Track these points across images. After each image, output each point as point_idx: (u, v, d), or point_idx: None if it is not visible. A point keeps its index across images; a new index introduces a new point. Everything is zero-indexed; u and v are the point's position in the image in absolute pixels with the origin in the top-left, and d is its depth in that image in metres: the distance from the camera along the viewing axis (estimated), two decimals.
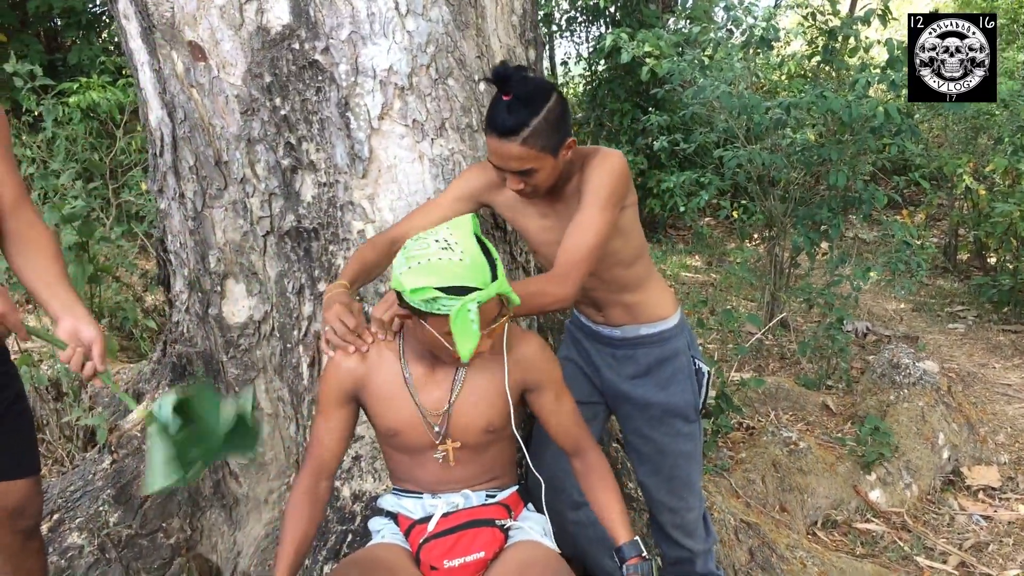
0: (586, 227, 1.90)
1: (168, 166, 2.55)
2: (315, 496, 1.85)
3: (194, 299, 2.65)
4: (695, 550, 2.35)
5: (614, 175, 1.93)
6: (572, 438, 1.94)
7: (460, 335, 1.60)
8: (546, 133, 1.85)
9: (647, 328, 2.18)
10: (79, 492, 2.83)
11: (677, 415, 2.21)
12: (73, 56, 8.23)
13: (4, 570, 2.13)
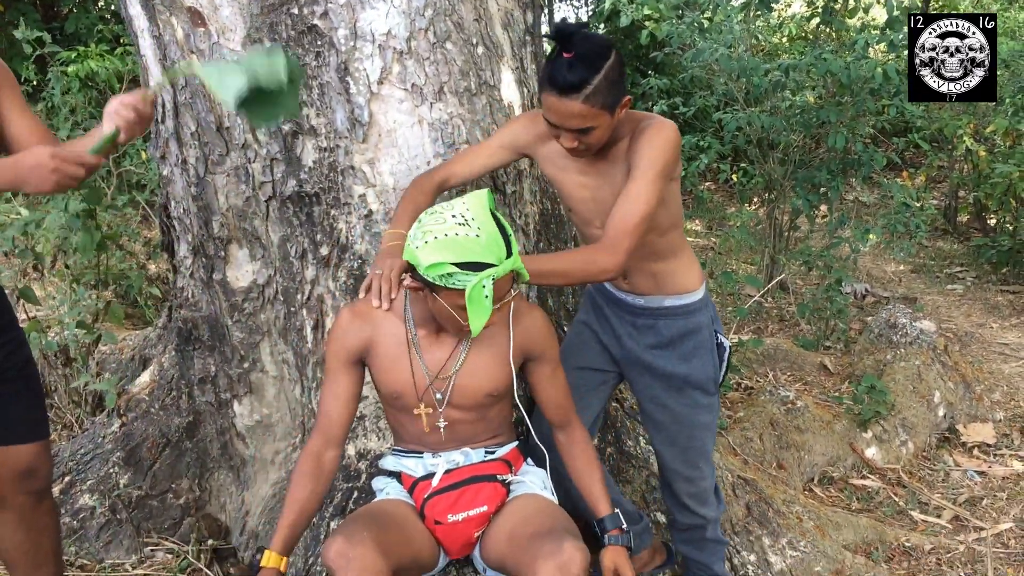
0: (637, 198, 1.90)
1: (170, 132, 2.57)
2: (321, 464, 1.88)
3: (198, 264, 2.69)
4: (708, 517, 2.39)
5: (668, 147, 1.92)
6: (561, 411, 2.01)
7: (474, 310, 1.64)
8: (606, 91, 1.83)
9: (671, 300, 2.18)
10: (89, 455, 2.89)
11: (697, 387, 2.23)
12: (70, 25, 8.19)
13: (18, 529, 2.19)
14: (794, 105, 5.27)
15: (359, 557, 1.62)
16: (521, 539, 1.77)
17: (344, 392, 1.91)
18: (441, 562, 1.98)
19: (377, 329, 1.89)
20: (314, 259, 2.47)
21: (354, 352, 1.88)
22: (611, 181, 2.02)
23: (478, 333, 1.69)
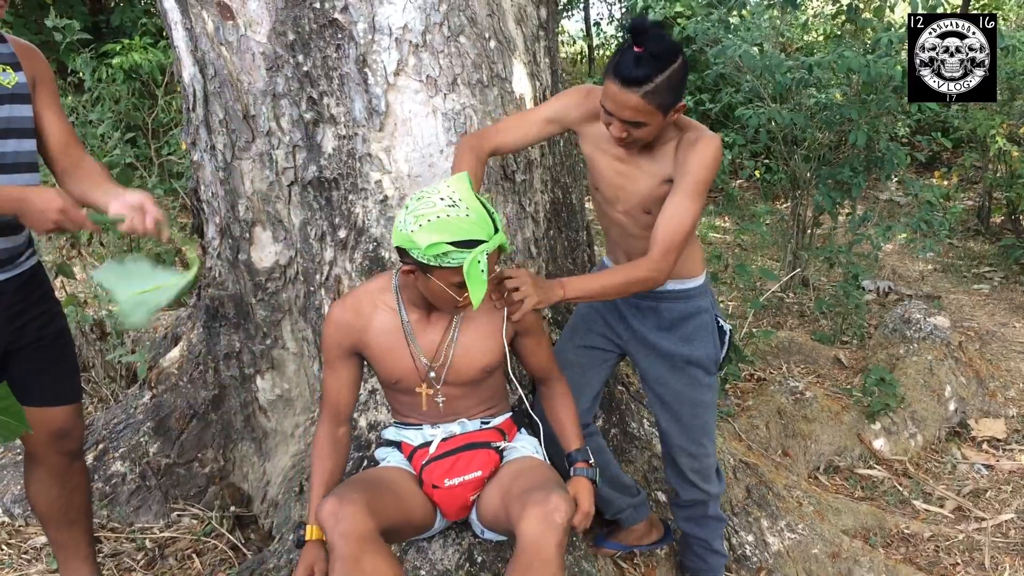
0: (683, 212, 2.01)
1: (200, 120, 2.73)
2: (335, 441, 2.08)
3: (225, 245, 2.84)
4: (710, 493, 2.49)
5: (715, 164, 2.03)
6: (545, 370, 2.19)
7: (474, 284, 1.76)
8: (665, 92, 1.91)
9: (673, 284, 2.28)
10: (122, 425, 3.06)
11: (699, 366, 2.33)
12: (116, 18, 8.45)
13: (52, 487, 2.36)
14: (819, 102, 5.31)
15: (348, 516, 1.75)
16: (512, 494, 1.89)
17: (345, 379, 2.07)
18: (438, 524, 2.11)
19: (368, 322, 2.00)
20: (332, 241, 2.61)
21: (347, 347, 2.02)
22: (647, 175, 2.11)
23: (479, 306, 1.81)
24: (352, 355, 2.04)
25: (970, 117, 7.94)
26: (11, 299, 2.14)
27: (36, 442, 2.29)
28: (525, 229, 2.73)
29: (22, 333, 2.18)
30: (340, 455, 2.07)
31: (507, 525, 1.88)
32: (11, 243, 2.13)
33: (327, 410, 2.08)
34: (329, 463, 2.05)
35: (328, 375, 2.07)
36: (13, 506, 2.98)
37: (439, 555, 2.18)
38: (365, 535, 1.73)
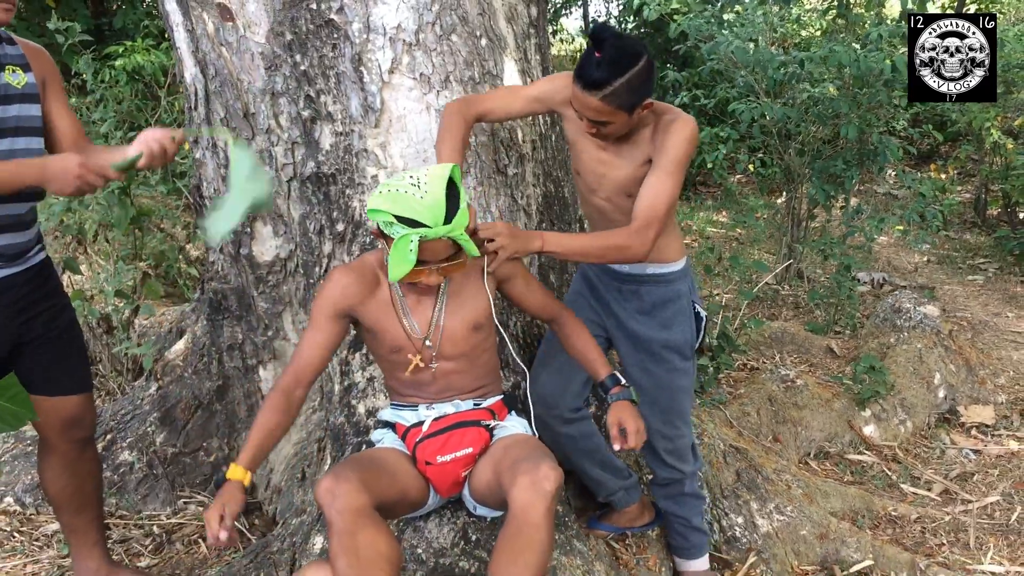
0: (662, 188, 2.11)
1: (202, 118, 2.81)
2: (289, 403, 2.05)
3: (227, 240, 2.92)
4: (685, 472, 2.59)
5: (690, 143, 2.13)
6: (548, 309, 2.26)
7: (394, 259, 1.86)
8: (625, 94, 2.02)
9: (653, 268, 2.38)
10: (129, 415, 3.15)
11: (675, 351, 2.43)
12: (118, 20, 8.53)
13: (63, 474, 2.44)
14: (812, 97, 5.39)
15: (344, 494, 1.83)
16: (503, 465, 1.98)
17: (323, 341, 2.08)
18: (432, 501, 2.20)
19: (368, 289, 2.08)
20: (331, 235, 2.69)
21: (341, 307, 2.07)
22: (628, 162, 2.21)
23: (393, 280, 1.90)
24: (341, 318, 2.08)
25: (966, 110, 8.01)
26: (21, 292, 2.23)
27: (49, 430, 2.38)
28: (517, 222, 2.81)
29: (32, 325, 2.27)
30: (290, 415, 2.04)
31: (499, 495, 1.97)
32: (21, 239, 2.22)
33: (292, 367, 2.07)
34: (275, 421, 2.01)
35: (308, 334, 2.09)
36: (24, 495, 3.07)
37: (435, 534, 2.27)
38: (360, 510, 1.81)
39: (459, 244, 1.93)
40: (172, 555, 2.84)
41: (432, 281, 1.97)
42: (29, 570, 2.75)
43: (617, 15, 9.88)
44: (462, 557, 2.24)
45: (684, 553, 2.71)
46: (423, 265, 1.93)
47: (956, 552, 3.03)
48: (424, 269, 1.94)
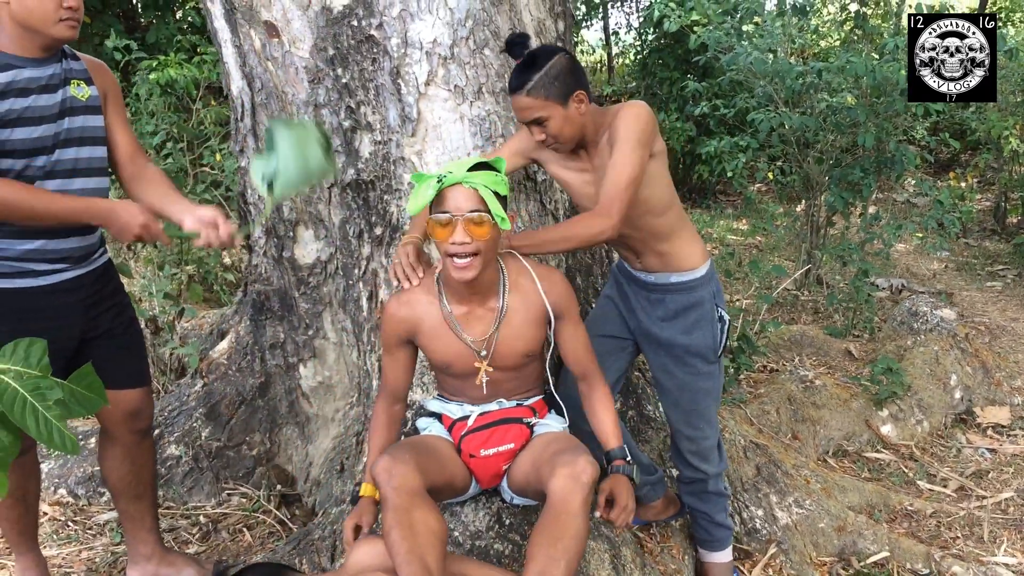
0: (620, 165, 2.21)
1: (248, 129, 2.98)
2: (391, 416, 2.32)
3: (270, 244, 3.09)
4: (708, 472, 2.69)
5: (639, 120, 2.23)
6: (582, 364, 2.31)
7: (414, 193, 2.01)
8: (548, 84, 2.18)
9: (677, 276, 2.49)
10: (176, 411, 3.31)
11: (698, 356, 2.53)
12: (151, 35, 8.77)
13: (124, 462, 2.60)
14: (830, 106, 5.50)
15: (400, 474, 1.98)
16: (543, 458, 2.11)
17: (401, 363, 2.29)
18: (473, 489, 2.34)
19: (420, 313, 2.21)
20: (369, 238, 2.84)
21: (402, 336, 2.23)
22: (603, 169, 2.30)
23: (413, 212, 2.02)
24: (406, 344, 2.26)
25: (985, 119, 8.09)
26: (88, 291, 2.40)
27: (111, 421, 2.54)
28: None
29: (98, 322, 2.43)
30: (394, 429, 2.33)
31: (537, 486, 2.10)
32: (87, 242, 2.39)
33: (385, 389, 2.32)
34: (385, 434, 2.30)
35: (386, 361, 2.30)
36: (77, 487, 3.24)
37: (471, 518, 2.41)
38: (414, 490, 1.96)
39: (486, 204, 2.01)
40: (218, 543, 3.00)
41: (459, 237, 1.99)
42: (84, 556, 2.91)
43: (638, 27, 10.03)
44: (496, 540, 2.37)
45: (707, 546, 2.82)
46: (447, 217, 2.00)
47: (971, 545, 3.13)
48: (450, 220, 1.99)
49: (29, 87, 2.18)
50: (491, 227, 2.03)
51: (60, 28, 2.18)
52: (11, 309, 2.26)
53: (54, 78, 2.25)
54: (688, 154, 8.85)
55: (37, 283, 2.29)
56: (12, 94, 2.15)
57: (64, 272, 2.34)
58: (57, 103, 2.24)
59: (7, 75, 2.15)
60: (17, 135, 2.15)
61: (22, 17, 2.15)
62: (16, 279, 2.27)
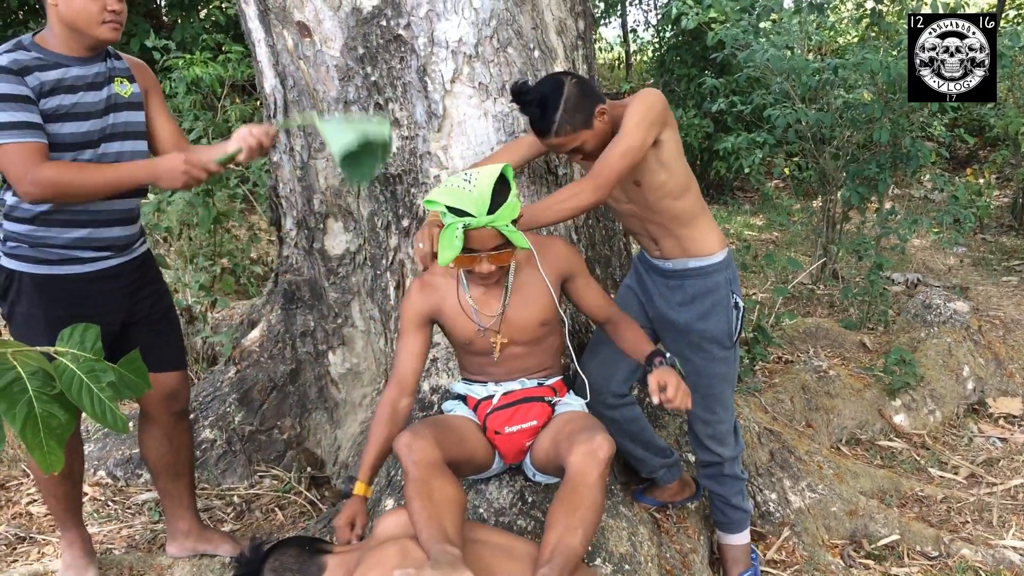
0: (619, 138, 2.29)
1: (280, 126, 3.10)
2: (395, 414, 2.35)
3: (301, 236, 3.21)
4: (724, 456, 2.78)
5: (645, 102, 2.33)
6: (603, 310, 2.45)
7: (443, 245, 2.11)
8: (571, 118, 2.27)
9: (695, 261, 2.58)
10: (210, 397, 3.44)
11: (714, 341, 2.63)
12: (177, 34, 8.92)
13: (162, 443, 2.73)
14: (846, 102, 5.57)
15: (419, 448, 2.10)
16: (561, 436, 2.23)
17: (415, 348, 2.38)
18: (496, 466, 2.45)
19: (442, 294, 2.35)
20: (397, 230, 2.96)
21: (424, 315, 2.35)
22: None
23: (443, 264, 2.13)
24: (425, 325, 2.36)
25: (1003, 115, 8.11)
26: (129, 278, 2.53)
27: (150, 403, 2.67)
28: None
29: (138, 308, 2.57)
30: (397, 426, 2.33)
31: (556, 462, 2.21)
32: (129, 231, 2.52)
33: (395, 378, 2.38)
34: (385, 430, 2.30)
35: (401, 344, 2.38)
36: (115, 469, 3.37)
37: (495, 495, 2.52)
38: (433, 462, 2.08)
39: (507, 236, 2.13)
40: (252, 522, 3.12)
41: (484, 269, 2.17)
42: (124, 533, 3.05)
43: (655, 24, 10.11)
44: (519, 516, 2.49)
45: (724, 527, 2.91)
46: (474, 253, 2.15)
47: (980, 529, 3.21)
48: (476, 257, 2.15)
49: (76, 84, 2.31)
50: (511, 252, 2.19)
51: (104, 30, 2.31)
52: (64, 293, 2.39)
53: (99, 76, 2.38)
54: (705, 150, 8.93)
55: (83, 270, 2.43)
56: (61, 91, 2.28)
57: (107, 260, 2.47)
58: (103, 100, 2.37)
59: (56, 73, 2.28)
60: (66, 130, 2.29)
61: (69, 19, 2.28)
62: (63, 266, 2.40)
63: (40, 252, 2.38)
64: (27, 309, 2.41)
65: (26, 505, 3.18)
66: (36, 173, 2.18)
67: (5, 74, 2.20)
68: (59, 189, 2.23)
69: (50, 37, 2.32)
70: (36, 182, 2.19)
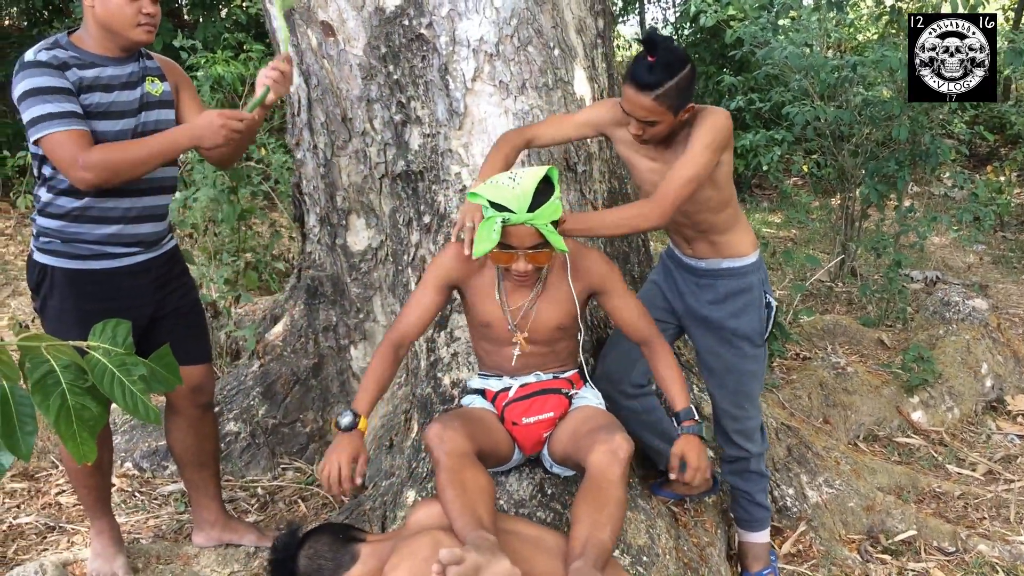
0: (687, 162, 2.32)
1: (304, 123, 3.15)
2: (396, 356, 2.34)
3: (324, 232, 3.26)
4: (751, 451, 2.80)
5: (716, 126, 2.34)
6: (640, 330, 2.40)
7: (479, 237, 2.14)
8: (674, 95, 2.26)
9: (728, 262, 2.61)
10: (234, 390, 3.50)
11: (746, 339, 2.65)
12: (199, 33, 9.01)
13: (188, 434, 2.79)
14: (866, 99, 5.57)
15: (450, 439, 2.14)
16: (580, 433, 2.26)
17: (428, 304, 2.36)
18: (516, 457, 2.49)
19: (475, 268, 2.36)
20: (418, 226, 3.00)
21: (451, 278, 2.36)
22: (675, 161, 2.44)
23: (476, 256, 2.16)
24: (447, 288, 2.37)
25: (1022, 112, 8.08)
26: (158, 273, 2.59)
27: (176, 395, 2.72)
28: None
29: (166, 302, 2.62)
30: (396, 366, 2.33)
31: (576, 459, 2.25)
32: (158, 228, 2.57)
33: (395, 332, 2.36)
34: (385, 367, 2.30)
35: (415, 295, 2.37)
36: (142, 460, 3.44)
37: (515, 487, 2.56)
38: (464, 452, 2.12)
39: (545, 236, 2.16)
40: (275, 513, 3.18)
41: (520, 267, 2.19)
42: (151, 523, 3.11)
43: (674, 21, 10.11)
44: (539, 508, 2.52)
45: (746, 525, 2.93)
46: (510, 250, 2.18)
47: (997, 525, 3.22)
48: (512, 254, 2.18)
49: (112, 84, 2.37)
50: (549, 253, 2.20)
51: (138, 32, 2.36)
52: (95, 287, 2.45)
53: (133, 76, 2.43)
54: None
55: (114, 264, 2.49)
56: (98, 89, 2.34)
57: (137, 255, 2.53)
58: (136, 99, 2.43)
59: (92, 72, 2.34)
60: (101, 127, 2.34)
61: (105, 20, 2.33)
62: (95, 260, 2.46)
63: (72, 247, 2.44)
64: (59, 303, 2.48)
65: (55, 495, 3.25)
66: (86, 157, 2.24)
67: (46, 67, 2.26)
68: (110, 168, 2.27)
69: (86, 37, 2.38)
70: (87, 165, 2.24)
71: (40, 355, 1.60)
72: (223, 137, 2.32)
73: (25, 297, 5.36)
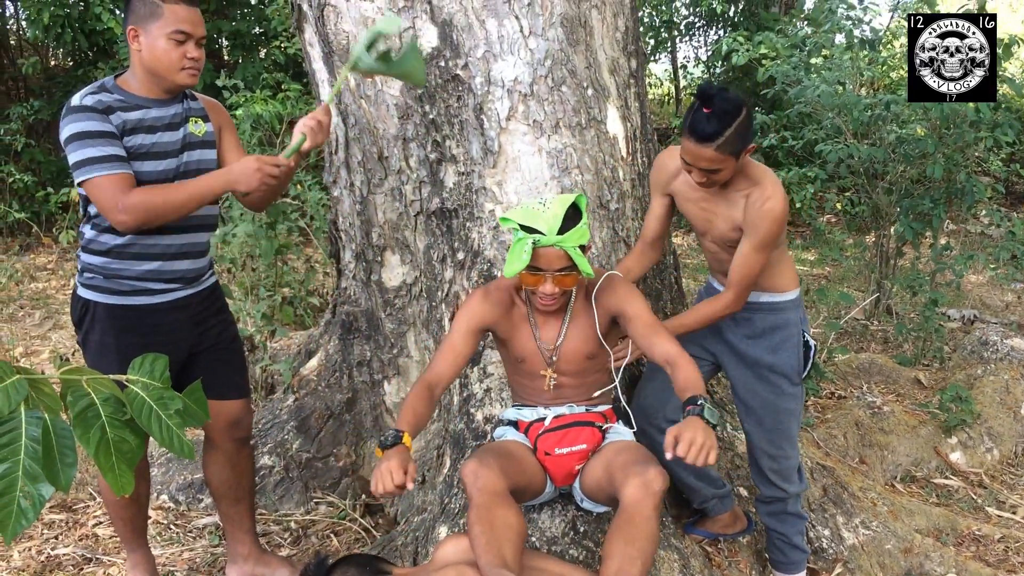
0: (751, 262, 2.44)
1: (341, 161, 3.21)
2: (431, 396, 2.35)
3: (359, 268, 3.31)
4: (789, 492, 2.77)
5: (777, 222, 2.42)
6: (664, 353, 2.28)
7: (511, 257, 2.22)
8: (734, 142, 2.31)
9: (767, 296, 2.63)
10: (269, 424, 3.54)
11: (783, 376, 2.65)
12: (239, 73, 9.22)
13: (225, 468, 2.82)
14: (899, 137, 5.56)
15: (484, 476, 2.15)
16: (615, 465, 2.27)
17: (461, 349, 2.40)
18: (548, 490, 2.49)
19: (505, 307, 2.43)
20: (452, 263, 3.04)
21: (480, 323, 2.41)
22: (723, 219, 2.52)
23: (509, 275, 2.23)
24: (476, 333, 2.41)
25: None
26: (197, 309, 2.64)
27: (214, 430, 2.76)
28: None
29: (205, 337, 2.67)
30: (432, 406, 2.33)
31: (608, 491, 2.25)
32: (198, 264, 2.63)
33: (427, 376, 2.37)
34: (422, 406, 2.29)
35: (446, 342, 2.40)
36: (178, 493, 3.48)
37: (547, 524, 2.56)
38: (498, 491, 2.14)
39: (573, 261, 2.23)
40: (308, 547, 3.20)
41: (548, 289, 2.26)
42: (186, 556, 3.14)
43: (706, 60, 10.16)
44: (571, 546, 2.52)
45: (781, 567, 2.89)
46: (539, 272, 2.25)
47: None
48: (540, 276, 2.26)
49: (155, 125, 2.44)
50: (576, 277, 2.29)
51: (183, 76, 2.43)
52: (135, 322, 2.50)
53: (176, 117, 2.51)
54: None
55: (153, 300, 2.54)
56: (141, 131, 2.41)
57: (177, 291, 2.58)
58: (179, 139, 2.49)
59: (137, 114, 2.41)
60: (145, 168, 2.41)
61: (150, 64, 2.41)
62: (135, 296, 2.52)
63: (114, 283, 2.50)
64: (100, 337, 2.53)
65: (93, 527, 3.29)
66: (126, 200, 2.31)
67: (92, 112, 2.34)
68: (150, 211, 2.34)
69: (132, 80, 2.46)
70: (127, 209, 2.31)
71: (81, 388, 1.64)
72: (258, 182, 2.38)
73: (66, 330, 5.47)
